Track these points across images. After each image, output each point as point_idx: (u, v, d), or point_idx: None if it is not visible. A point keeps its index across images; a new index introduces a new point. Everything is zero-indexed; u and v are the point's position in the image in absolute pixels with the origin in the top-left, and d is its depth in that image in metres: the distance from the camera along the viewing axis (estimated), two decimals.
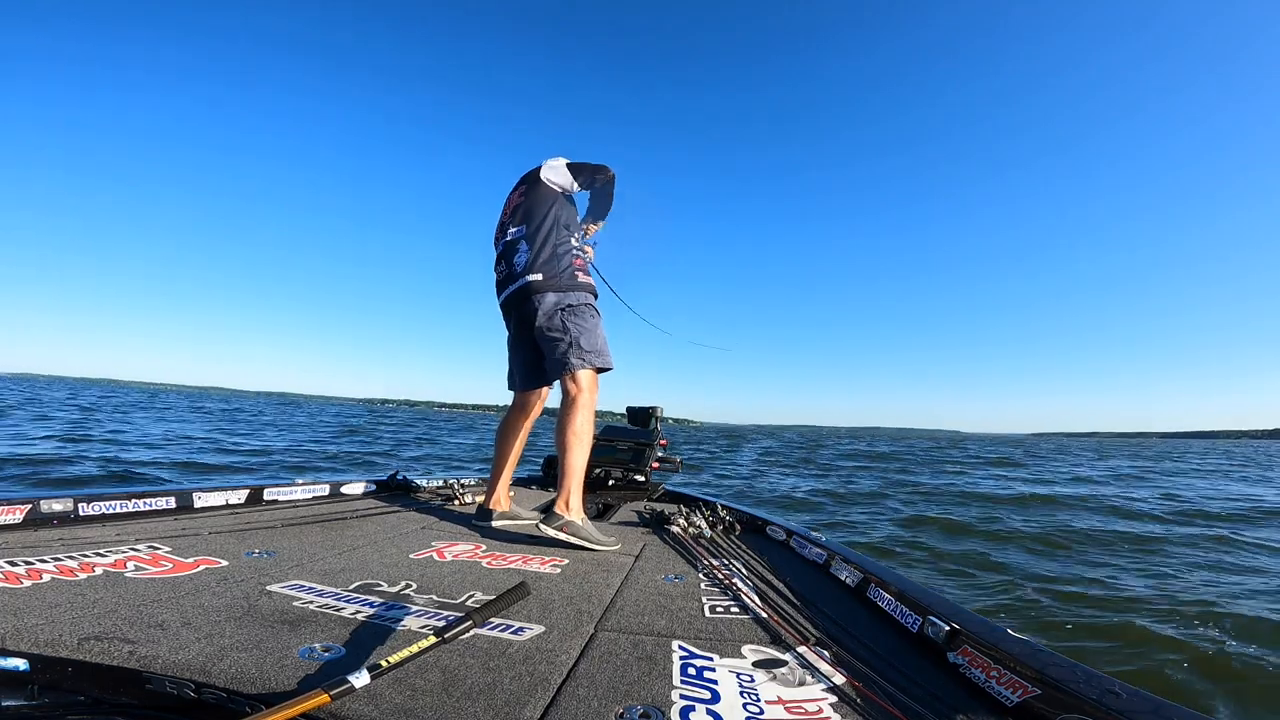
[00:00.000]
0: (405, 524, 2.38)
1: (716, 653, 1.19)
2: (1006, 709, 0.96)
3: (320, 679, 0.91)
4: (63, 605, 1.17)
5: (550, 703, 0.93)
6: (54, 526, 1.86)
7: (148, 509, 2.14)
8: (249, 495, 2.48)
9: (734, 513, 2.69)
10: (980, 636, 1.16)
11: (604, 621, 1.34)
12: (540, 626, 1.27)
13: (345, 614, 1.27)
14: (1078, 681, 0.93)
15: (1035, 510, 8.32)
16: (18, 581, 1.29)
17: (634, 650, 1.17)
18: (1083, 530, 6.53)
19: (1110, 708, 0.85)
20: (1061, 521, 7.16)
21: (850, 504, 8.75)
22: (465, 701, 0.90)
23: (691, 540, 2.26)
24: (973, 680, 1.08)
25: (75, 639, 1.02)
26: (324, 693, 0.82)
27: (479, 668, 1.03)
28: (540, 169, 2.47)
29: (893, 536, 6.18)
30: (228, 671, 0.95)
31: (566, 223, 2.42)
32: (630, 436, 3.99)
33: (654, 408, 4.23)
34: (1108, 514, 8.01)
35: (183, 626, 1.12)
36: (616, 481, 3.71)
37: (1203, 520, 7.61)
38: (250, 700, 0.90)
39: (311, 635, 1.13)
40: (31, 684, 0.98)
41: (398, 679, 0.95)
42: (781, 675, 1.09)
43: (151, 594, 1.29)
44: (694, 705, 0.95)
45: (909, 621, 1.37)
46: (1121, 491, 10.96)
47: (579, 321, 2.29)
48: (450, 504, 2.94)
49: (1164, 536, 6.37)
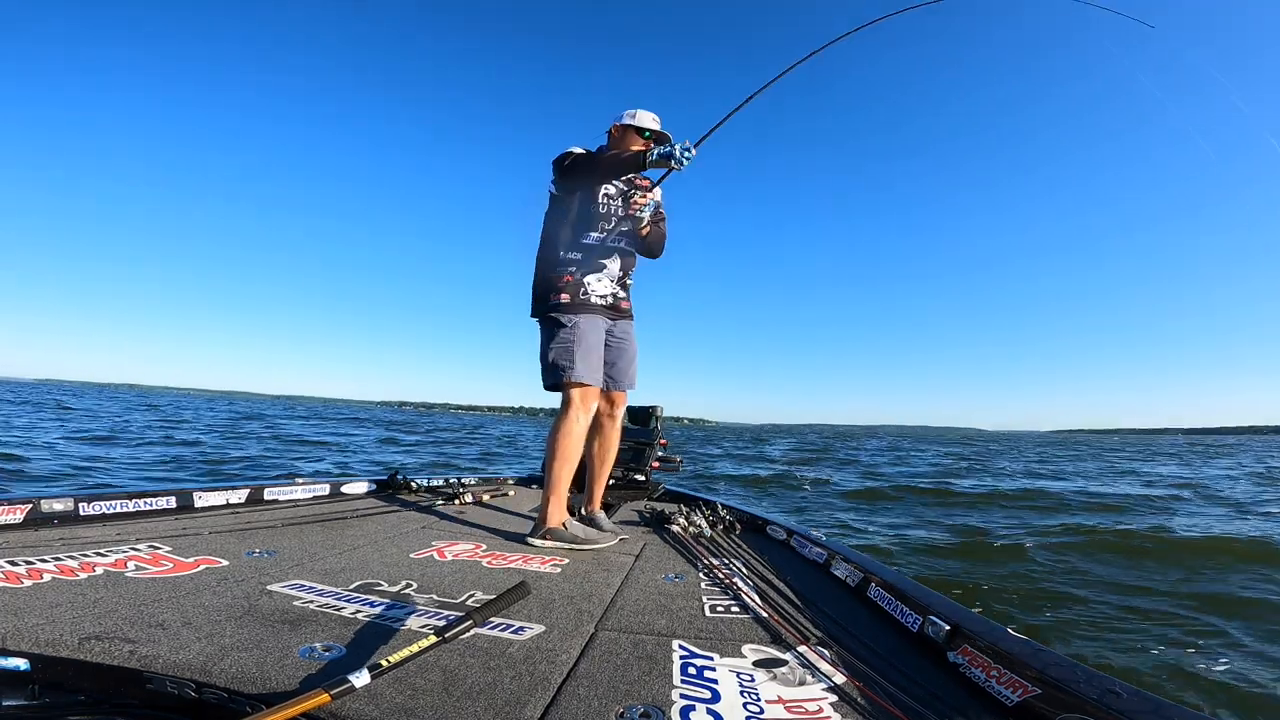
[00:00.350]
0: (405, 523, 2.38)
1: (717, 652, 1.19)
2: (1006, 709, 0.96)
3: (321, 679, 0.91)
4: (63, 605, 1.17)
5: (550, 702, 0.93)
6: (54, 526, 1.86)
7: (148, 509, 2.14)
8: (249, 495, 2.48)
9: (734, 512, 2.69)
10: (980, 636, 1.16)
11: (604, 621, 1.34)
12: (540, 626, 1.27)
13: (346, 614, 1.27)
14: (1078, 681, 0.93)
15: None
16: (18, 581, 1.30)
17: (634, 650, 1.17)
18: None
19: (1110, 708, 0.85)
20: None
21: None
22: (465, 701, 0.91)
23: (692, 540, 2.27)
24: (973, 680, 1.08)
25: (76, 639, 1.02)
26: (325, 692, 0.82)
27: (479, 667, 1.03)
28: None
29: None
30: (228, 671, 0.95)
31: (551, 235, 2.34)
32: (630, 436, 3.99)
33: (654, 407, 4.23)
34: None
35: (183, 626, 1.12)
36: (616, 481, 3.71)
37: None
38: (251, 700, 0.91)
39: (312, 635, 1.13)
40: (32, 684, 0.98)
41: (398, 678, 0.95)
42: (782, 675, 1.09)
43: (152, 594, 1.30)
44: (694, 705, 0.95)
45: (909, 621, 1.37)
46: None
47: (548, 336, 2.29)
48: (450, 504, 2.94)
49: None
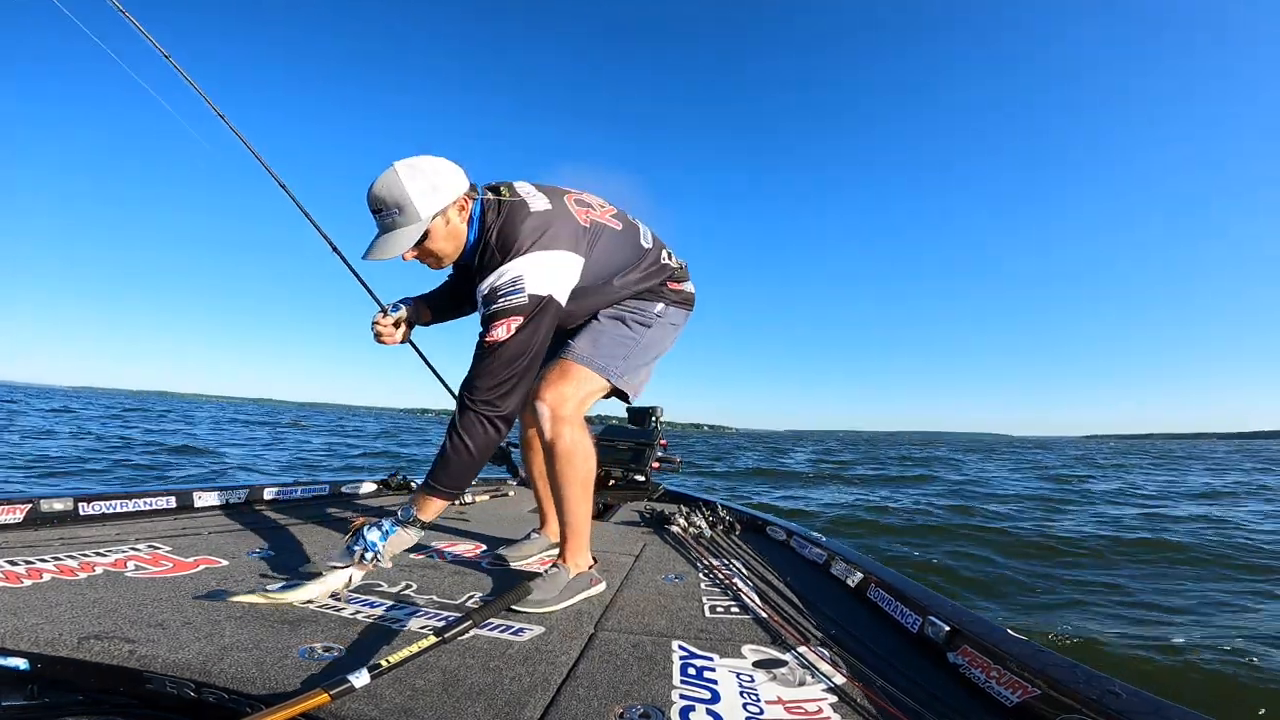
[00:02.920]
0: None
1: (716, 653, 1.19)
2: (1006, 709, 0.96)
3: (320, 679, 0.92)
4: (63, 604, 1.17)
5: (550, 703, 0.93)
6: (54, 526, 1.86)
7: (148, 509, 2.14)
8: (249, 495, 2.48)
9: (734, 513, 2.69)
10: (980, 637, 1.16)
11: (604, 621, 1.34)
12: (540, 627, 1.27)
13: (345, 614, 1.27)
14: (1078, 681, 0.93)
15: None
16: (18, 581, 1.30)
17: (634, 650, 1.17)
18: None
19: (1110, 708, 0.84)
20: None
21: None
22: (465, 701, 0.91)
23: (692, 540, 2.26)
24: (973, 680, 1.08)
25: (75, 638, 1.02)
26: (324, 692, 0.82)
27: (479, 668, 1.03)
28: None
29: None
30: (228, 671, 0.95)
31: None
32: (630, 436, 3.99)
33: (654, 408, 4.24)
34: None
35: (183, 626, 1.12)
36: (616, 481, 3.72)
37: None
38: (250, 700, 0.91)
39: (311, 635, 1.13)
40: (31, 683, 0.98)
41: (398, 679, 0.95)
42: (781, 675, 1.09)
43: (152, 594, 1.29)
44: (694, 705, 0.95)
45: (909, 621, 1.37)
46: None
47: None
48: (450, 504, 2.93)
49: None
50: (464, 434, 1.41)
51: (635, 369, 1.70)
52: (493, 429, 1.42)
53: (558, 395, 1.56)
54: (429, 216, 1.37)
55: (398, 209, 1.35)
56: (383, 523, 1.46)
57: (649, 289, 1.70)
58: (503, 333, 1.38)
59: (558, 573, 1.49)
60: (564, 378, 1.59)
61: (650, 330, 1.69)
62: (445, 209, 1.40)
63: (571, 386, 1.58)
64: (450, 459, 1.41)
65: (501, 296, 1.38)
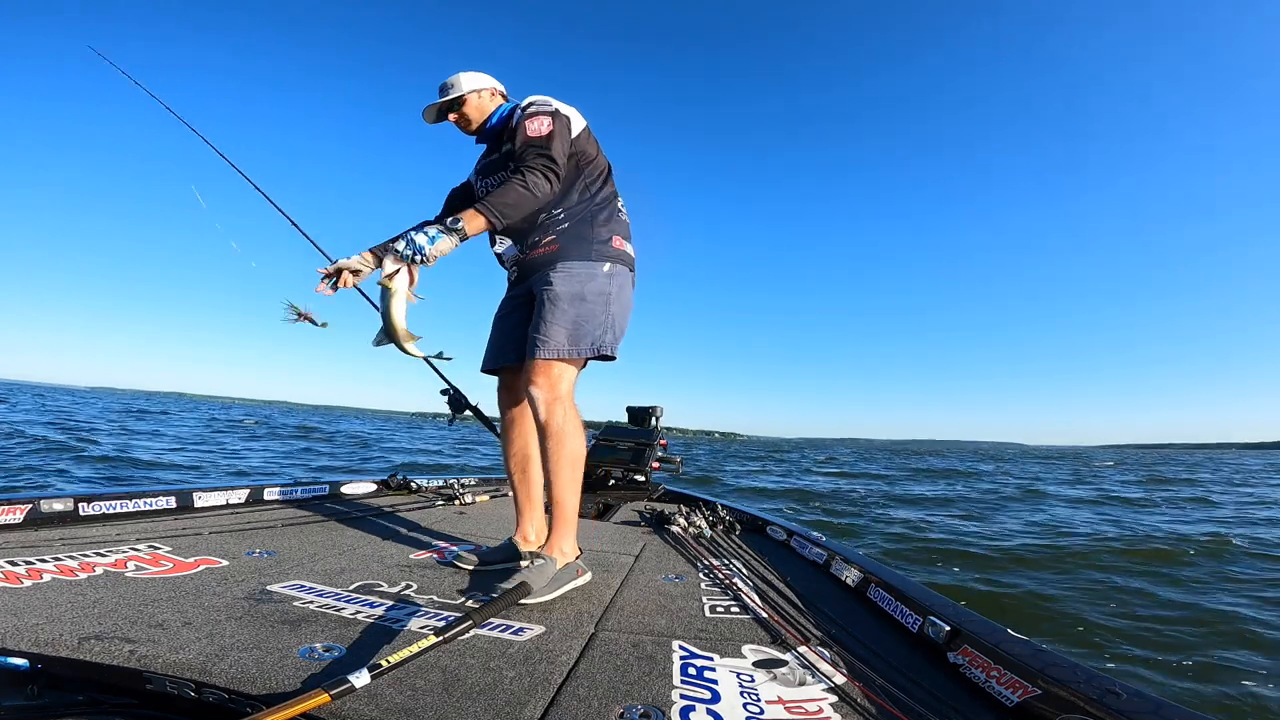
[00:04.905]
0: (406, 524, 2.38)
1: (717, 652, 1.19)
2: (1007, 709, 0.97)
3: (321, 679, 0.91)
4: (63, 605, 1.17)
5: (550, 703, 0.93)
6: (54, 526, 1.86)
7: (148, 509, 2.14)
8: (249, 495, 2.48)
9: (734, 513, 2.69)
10: (980, 637, 1.16)
11: (604, 621, 1.34)
12: (540, 627, 1.27)
13: (345, 614, 1.27)
14: (1078, 681, 0.93)
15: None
16: (18, 581, 1.30)
17: (634, 650, 1.17)
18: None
19: (1110, 708, 0.85)
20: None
21: None
22: (465, 701, 0.90)
23: (692, 540, 2.27)
24: (973, 680, 1.08)
25: (75, 638, 1.02)
26: (324, 692, 0.82)
27: (479, 668, 1.03)
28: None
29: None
30: (228, 671, 0.95)
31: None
32: (630, 436, 3.99)
33: (654, 407, 4.24)
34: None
35: (183, 626, 1.12)
36: (616, 481, 3.72)
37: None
38: (250, 700, 0.90)
39: (312, 635, 1.13)
40: (31, 683, 0.98)
41: (398, 679, 0.95)
42: (782, 675, 1.09)
43: (152, 594, 1.29)
44: (694, 705, 0.95)
45: (909, 621, 1.37)
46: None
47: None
48: (451, 505, 2.94)
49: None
50: (528, 178, 1.64)
51: (617, 330, 1.80)
52: (546, 181, 1.65)
53: (548, 379, 1.68)
54: (468, 90, 1.88)
55: (453, 85, 1.90)
56: (428, 229, 1.60)
57: (600, 237, 1.79)
58: (543, 126, 1.70)
59: (545, 563, 1.53)
60: (550, 369, 1.67)
61: (611, 293, 1.77)
62: (481, 89, 1.91)
63: (558, 370, 1.68)
64: (512, 189, 1.63)
65: (533, 106, 1.76)
